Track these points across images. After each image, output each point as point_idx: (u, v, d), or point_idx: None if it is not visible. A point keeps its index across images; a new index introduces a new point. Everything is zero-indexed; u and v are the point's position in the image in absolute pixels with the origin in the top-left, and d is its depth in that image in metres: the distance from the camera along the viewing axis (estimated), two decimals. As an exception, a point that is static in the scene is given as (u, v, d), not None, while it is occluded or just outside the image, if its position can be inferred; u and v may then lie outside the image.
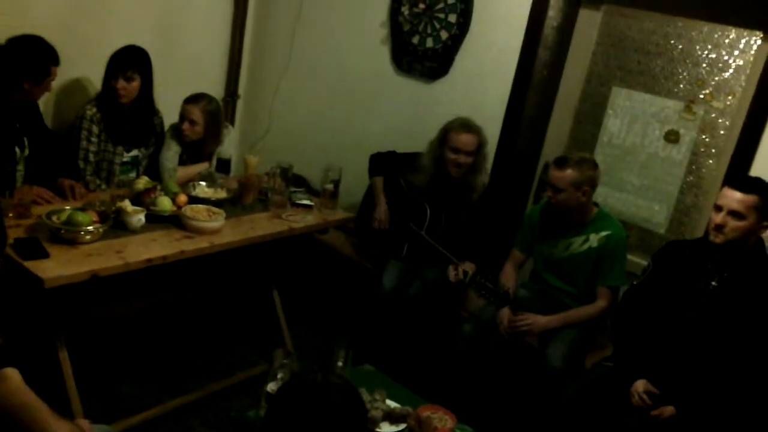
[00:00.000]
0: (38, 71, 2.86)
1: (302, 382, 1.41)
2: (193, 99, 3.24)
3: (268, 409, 1.42)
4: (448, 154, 3.13)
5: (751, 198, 2.35)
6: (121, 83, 3.09)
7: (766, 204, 2.37)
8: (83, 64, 3.41)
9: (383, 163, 3.43)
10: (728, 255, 2.44)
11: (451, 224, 3.23)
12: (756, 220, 2.37)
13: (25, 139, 2.94)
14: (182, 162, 3.32)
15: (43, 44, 2.89)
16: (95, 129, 3.12)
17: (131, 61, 3.11)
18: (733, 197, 2.37)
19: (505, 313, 2.89)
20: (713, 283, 2.46)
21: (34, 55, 2.84)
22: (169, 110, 3.43)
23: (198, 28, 4.08)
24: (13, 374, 1.60)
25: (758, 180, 2.44)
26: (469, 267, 3.03)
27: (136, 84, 3.14)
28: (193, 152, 3.33)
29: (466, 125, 3.15)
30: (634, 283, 2.70)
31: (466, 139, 3.12)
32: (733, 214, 2.37)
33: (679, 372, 2.46)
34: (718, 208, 2.41)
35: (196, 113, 3.21)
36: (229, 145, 3.44)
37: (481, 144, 3.18)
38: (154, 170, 3.32)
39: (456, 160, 3.12)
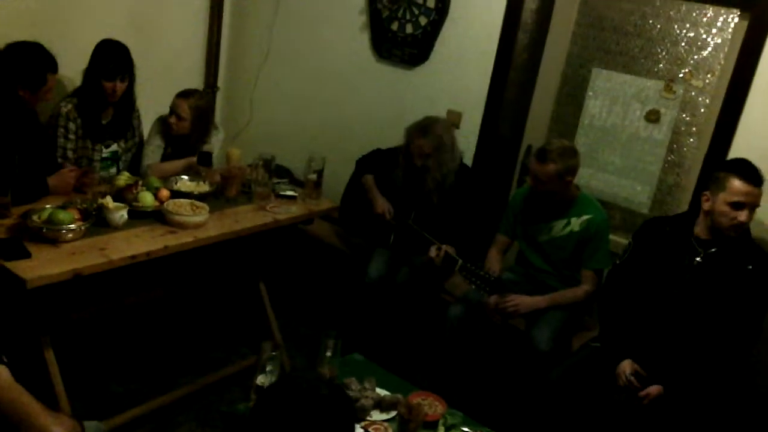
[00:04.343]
0: (34, 79, 2.79)
1: (287, 387, 1.39)
2: (184, 94, 3.23)
3: (251, 413, 1.41)
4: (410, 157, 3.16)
5: (760, 191, 2.39)
6: (118, 85, 3.08)
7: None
8: (58, 60, 3.36)
9: (370, 164, 3.42)
10: (708, 234, 2.46)
11: (438, 214, 3.23)
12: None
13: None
14: (167, 156, 3.30)
15: (41, 51, 2.83)
16: (72, 126, 3.08)
17: (126, 63, 3.10)
18: (753, 193, 2.38)
19: (493, 296, 2.90)
20: (697, 259, 2.48)
21: (30, 62, 2.78)
22: (146, 104, 3.39)
23: (174, 19, 4.03)
24: (2, 371, 1.59)
25: (754, 167, 2.44)
26: (450, 249, 3.04)
27: (126, 84, 3.13)
28: (179, 147, 3.30)
29: (421, 129, 3.13)
30: (617, 262, 2.72)
31: (419, 144, 3.11)
32: (752, 207, 2.40)
33: (665, 350, 2.49)
34: (740, 205, 2.37)
35: (184, 108, 3.20)
36: (216, 146, 3.41)
37: (439, 145, 3.13)
38: (134, 166, 3.30)
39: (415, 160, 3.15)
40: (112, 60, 3.06)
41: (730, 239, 2.44)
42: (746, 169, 2.40)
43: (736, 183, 2.38)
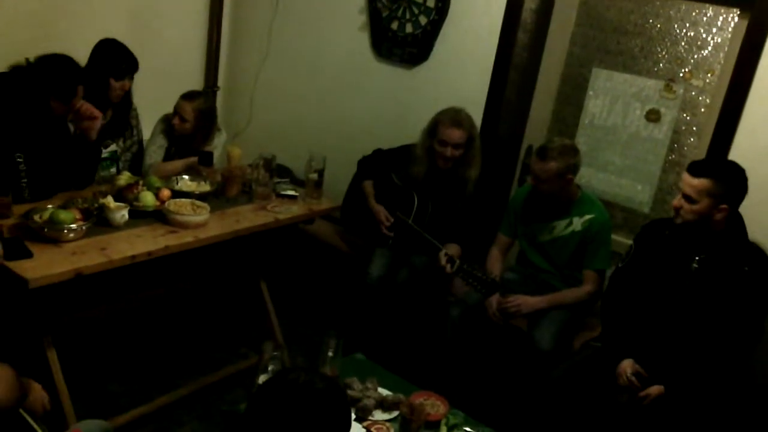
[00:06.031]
0: (66, 91, 2.81)
1: (283, 382, 1.40)
2: (188, 96, 3.25)
3: (247, 408, 1.41)
4: (436, 146, 3.11)
5: (701, 182, 2.36)
6: (127, 84, 3.10)
7: (721, 187, 2.37)
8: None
9: (372, 166, 3.41)
10: (702, 235, 2.46)
11: (438, 212, 3.23)
12: (709, 203, 2.37)
13: None
14: (171, 156, 3.30)
15: (71, 64, 2.85)
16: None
17: (135, 63, 3.11)
18: (687, 182, 2.40)
19: (494, 296, 2.90)
20: (694, 264, 2.49)
21: (63, 74, 2.79)
22: (147, 104, 3.39)
23: (174, 19, 4.04)
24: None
25: (717, 164, 2.46)
26: (454, 249, 3.04)
27: (131, 83, 3.15)
28: (182, 147, 3.30)
29: (456, 120, 3.08)
30: (619, 265, 2.72)
31: (452, 133, 3.07)
32: (686, 197, 2.40)
33: (666, 350, 2.49)
34: (679, 190, 2.46)
35: (188, 111, 3.21)
36: (218, 147, 3.40)
37: (471, 137, 3.12)
38: (135, 165, 3.29)
39: (443, 153, 3.09)
40: (123, 60, 3.08)
41: (721, 243, 2.45)
42: (697, 161, 2.48)
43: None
